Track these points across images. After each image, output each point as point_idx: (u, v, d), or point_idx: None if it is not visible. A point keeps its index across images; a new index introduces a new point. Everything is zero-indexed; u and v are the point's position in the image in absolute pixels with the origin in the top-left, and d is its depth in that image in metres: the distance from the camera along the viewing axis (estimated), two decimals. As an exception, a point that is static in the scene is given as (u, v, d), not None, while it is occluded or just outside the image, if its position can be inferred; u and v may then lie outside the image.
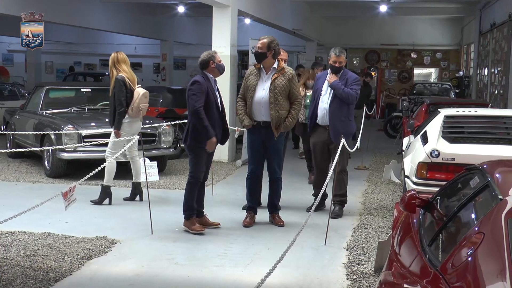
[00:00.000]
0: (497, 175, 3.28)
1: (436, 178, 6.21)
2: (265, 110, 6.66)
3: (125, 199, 7.95)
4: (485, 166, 3.56)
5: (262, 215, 6.99)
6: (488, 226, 2.70)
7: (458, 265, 2.63)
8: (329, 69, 7.34)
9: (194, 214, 6.51)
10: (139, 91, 7.77)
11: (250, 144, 6.90)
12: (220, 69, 6.53)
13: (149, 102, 8.07)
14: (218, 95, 6.53)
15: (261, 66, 6.76)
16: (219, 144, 6.59)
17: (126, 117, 7.66)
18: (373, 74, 25.38)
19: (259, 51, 6.67)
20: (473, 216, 3.16)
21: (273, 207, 6.98)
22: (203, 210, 6.73)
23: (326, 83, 7.29)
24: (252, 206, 6.95)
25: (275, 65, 6.72)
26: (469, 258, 2.57)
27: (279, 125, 6.68)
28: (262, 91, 6.68)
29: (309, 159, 8.99)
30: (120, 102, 7.57)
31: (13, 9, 13.58)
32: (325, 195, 7.43)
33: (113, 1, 19.13)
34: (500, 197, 2.92)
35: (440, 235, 3.25)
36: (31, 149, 9.40)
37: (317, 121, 7.35)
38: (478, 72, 20.09)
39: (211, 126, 6.29)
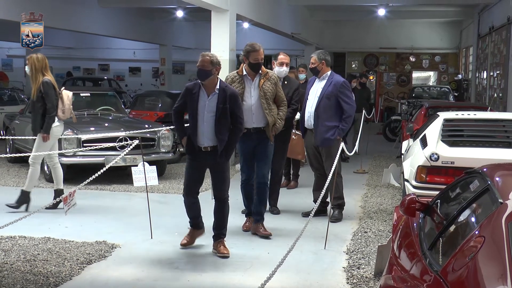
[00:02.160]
0: (497, 179, 3.28)
1: (435, 182, 6.21)
2: (256, 116, 6.52)
3: (47, 208, 7.34)
4: (485, 169, 3.56)
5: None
6: (489, 230, 2.70)
7: (458, 269, 2.63)
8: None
9: (193, 225, 6.13)
10: (68, 94, 7.69)
11: (242, 152, 6.72)
12: (198, 75, 5.85)
13: (148, 106, 8.08)
14: (209, 104, 5.76)
15: (245, 72, 6.57)
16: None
17: (56, 120, 7.54)
18: (371, 77, 25.39)
19: (260, 62, 6.48)
20: (473, 220, 3.16)
21: (260, 215, 6.67)
22: (220, 234, 5.97)
23: (313, 87, 7.30)
24: (251, 211, 6.88)
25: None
26: (470, 262, 2.56)
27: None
28: (251, 98, 6.52)
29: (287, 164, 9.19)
30: (53, 106, 7.45)
31: (13, 14, 13.60)
32: (326, 202, 7.39)
33: (111, 6, 19.16)
34: (500, 200, 2.92)
35: (441, 239, 3.25)
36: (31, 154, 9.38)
37: (305, 125, 7.34)
38: (477, 75, 20.12)
39: (189, 134, 5.88)
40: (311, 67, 7.28)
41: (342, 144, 6.68)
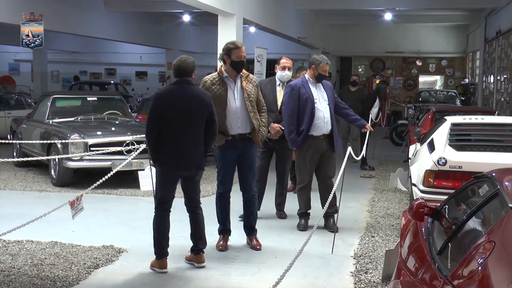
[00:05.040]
0: (507, 183, 3.26)
1: (443, 186, 6.19)
2: (242, 121, 6.03)
3: None
4: (494, 174, 3.55)
5: (267, 223, 6.94)
6: (499, 235, 2.69)
7: (468, 274, 2.61)
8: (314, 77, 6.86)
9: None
10: None
11: (224, 161, 6.10)
12: None
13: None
14: None
15: (225, 74, 6.10)
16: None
17: None
18: (377, 81, 25.37)
19: (243, 60, 6.08)
20: (482, 224, 3.14)
21: (251, 228, 6.33)
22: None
23: (314, 92, 6.81)
24: (226, 228, 6.29)
25: None
26: (480, 267, 2.55)
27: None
28: (236, 101, 6.03)
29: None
30: None
31: (19, 18, 13.63)
32: (334, 206, 6.88)
33: (118, 10, 19.22)
34: (510, 205, 2.90)
35: (450, 243, 3.23)
36: (38, 158, 9.40)
37: (310, 133, 6.76)
38: (484, 79, 20.08)
39: None
40: (326, 74, 6.90)
41: (349, 149, 6.65)
